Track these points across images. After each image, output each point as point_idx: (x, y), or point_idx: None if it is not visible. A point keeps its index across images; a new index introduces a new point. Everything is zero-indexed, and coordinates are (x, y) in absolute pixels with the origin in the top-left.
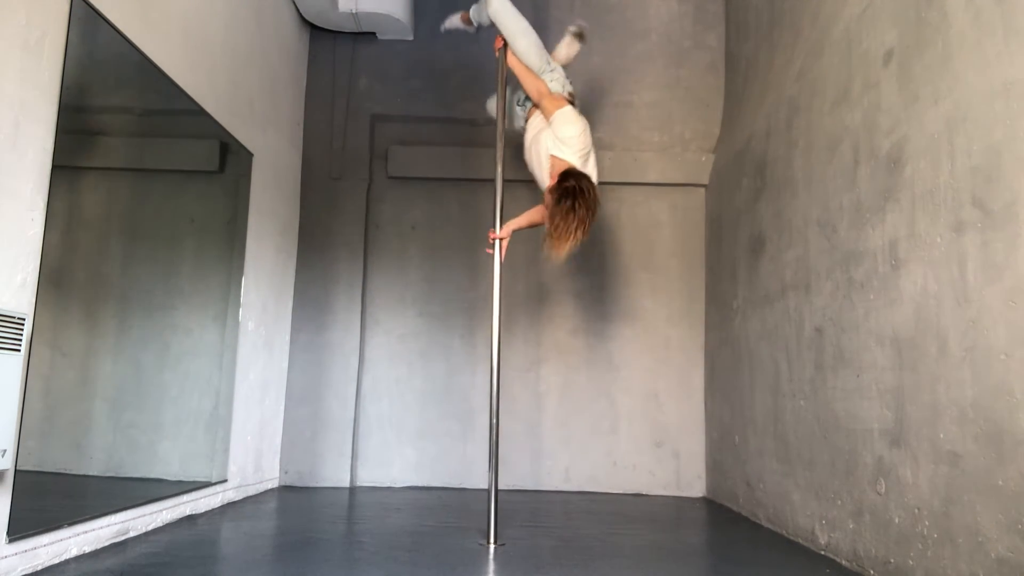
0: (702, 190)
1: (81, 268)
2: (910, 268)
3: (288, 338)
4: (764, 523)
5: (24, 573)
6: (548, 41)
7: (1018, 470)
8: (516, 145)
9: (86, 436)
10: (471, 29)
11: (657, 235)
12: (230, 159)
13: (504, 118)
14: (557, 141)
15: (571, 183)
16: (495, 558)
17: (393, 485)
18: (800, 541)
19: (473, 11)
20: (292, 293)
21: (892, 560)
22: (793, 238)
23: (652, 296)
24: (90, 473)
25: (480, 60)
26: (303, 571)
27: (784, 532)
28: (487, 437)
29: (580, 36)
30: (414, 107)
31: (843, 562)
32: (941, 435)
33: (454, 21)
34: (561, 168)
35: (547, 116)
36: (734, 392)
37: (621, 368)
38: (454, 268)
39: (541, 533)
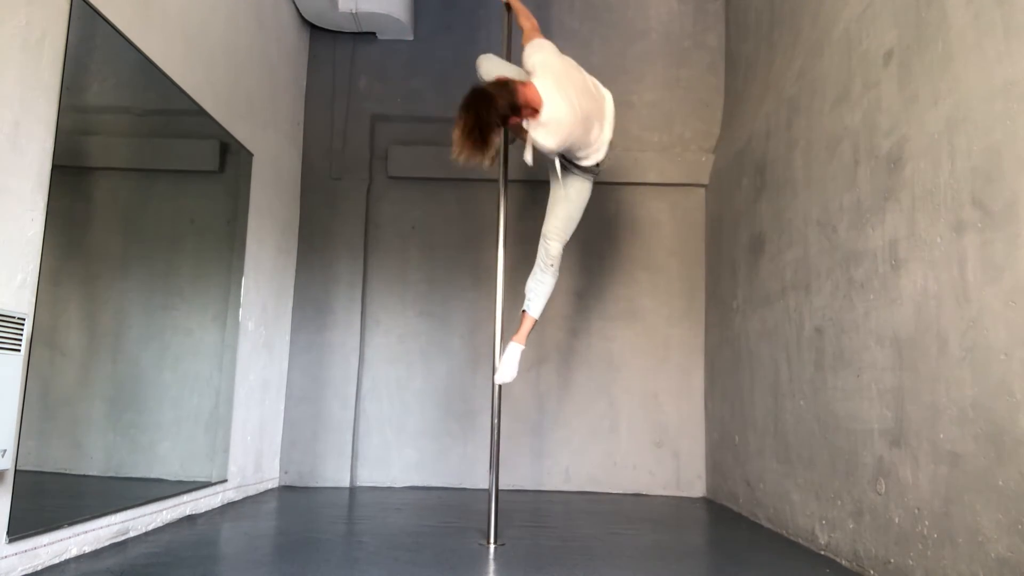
0: (702, 190)
1: (81, 268)
2: (910, 268)
3: (288, 338)
4: (764, 523)
5: (24, 573)
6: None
7: (1018, 470)
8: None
9: (86, 436)
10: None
11: (657, 235)
12: (230, 159)
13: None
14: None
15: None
16: (495, 558)
17: (393, 485)
18: (800, 541)
19: None
20: (292, 293)
21: (892, 560)
22: (793, 238)
23: (652, 296)
24: (90, 473)
25: None
26: (303, 571)
27: (784, 532)
28: (487, 437)
29: None
30: (414, 107)
31: (843, 562)
32: (941, 435)
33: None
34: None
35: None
36: (734, 392)
37: (621, 368)
38: (454, 268)
39: (541, 533)
